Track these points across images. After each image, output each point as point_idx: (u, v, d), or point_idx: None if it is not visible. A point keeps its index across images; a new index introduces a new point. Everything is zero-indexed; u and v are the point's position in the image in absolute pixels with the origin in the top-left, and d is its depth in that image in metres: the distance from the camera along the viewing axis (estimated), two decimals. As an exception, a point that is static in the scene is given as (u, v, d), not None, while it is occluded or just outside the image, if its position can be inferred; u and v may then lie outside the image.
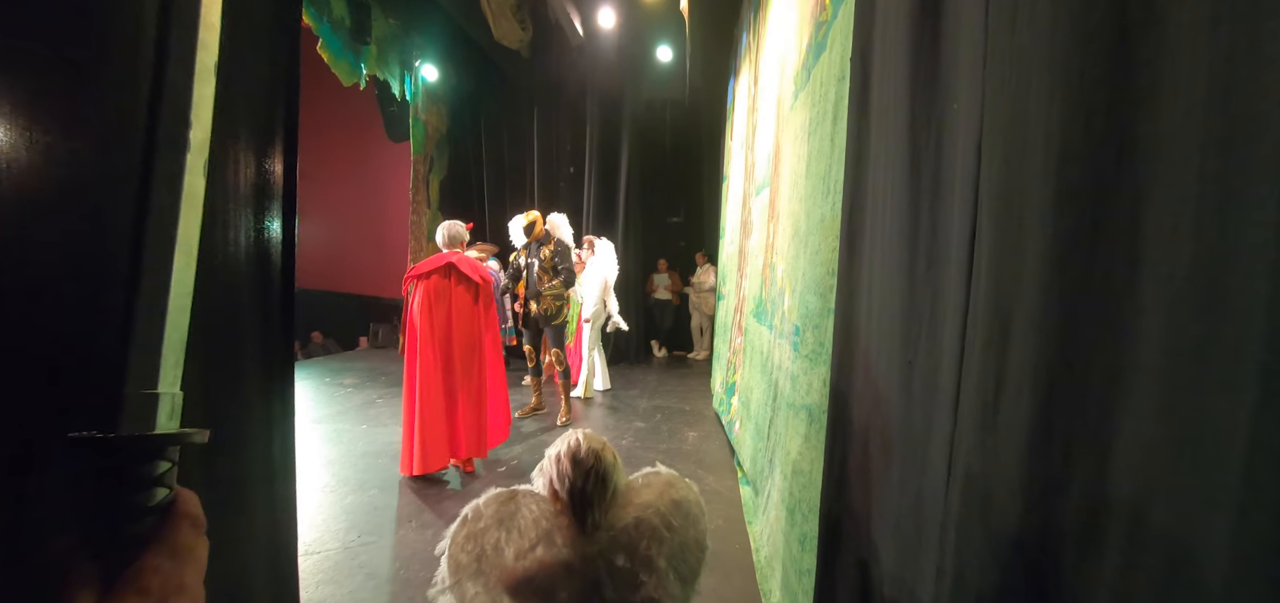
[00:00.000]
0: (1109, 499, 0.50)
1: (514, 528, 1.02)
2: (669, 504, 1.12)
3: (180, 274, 0.51)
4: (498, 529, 1.01)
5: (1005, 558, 0.62)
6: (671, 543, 1.08)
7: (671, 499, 1.13)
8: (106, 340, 0.61)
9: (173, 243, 0.51)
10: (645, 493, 1.14)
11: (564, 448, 1.08)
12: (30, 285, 0.58)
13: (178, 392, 0.48)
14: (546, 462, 1.10)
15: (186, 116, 0.51)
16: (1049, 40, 0.58)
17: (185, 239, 0.53)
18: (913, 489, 0.92)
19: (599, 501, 1.05)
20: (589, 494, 1.04)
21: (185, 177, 0.52)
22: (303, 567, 2.49)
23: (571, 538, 1.02)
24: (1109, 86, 0.51)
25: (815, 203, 2.12)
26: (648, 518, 1.08)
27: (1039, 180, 0.58)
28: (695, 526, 1.14)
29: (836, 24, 2.02)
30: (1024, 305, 0.60)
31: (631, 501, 1.11)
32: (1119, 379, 0.49)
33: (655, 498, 1.12)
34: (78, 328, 0.60)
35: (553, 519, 1.04)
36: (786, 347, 2.49)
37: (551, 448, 1.11)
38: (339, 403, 5.20)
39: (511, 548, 0.99)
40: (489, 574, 0.97)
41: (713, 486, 3.50)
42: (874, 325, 1.26)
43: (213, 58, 0.55)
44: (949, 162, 0.89)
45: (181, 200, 0.51)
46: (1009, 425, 0.61)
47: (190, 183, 0.52)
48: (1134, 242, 0.48)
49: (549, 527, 1.03)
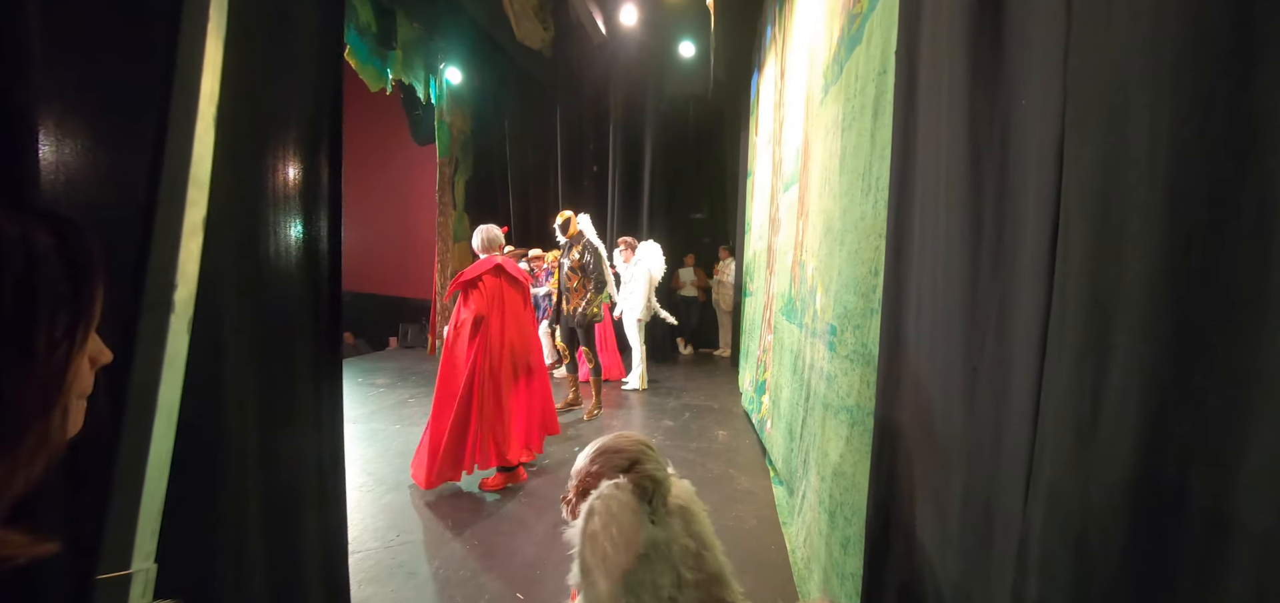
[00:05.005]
0: (1236, 520, 0.46)
1: (621, 523, 1.10)
2: (692, 497, 1.29)
3: (159, 440, 0.51)
4: (611, 524, 1.09)
5: (1104, 579, 0.58)
6: (708, 523, 1.25)
7: (692, 493, 1.31)
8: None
9: (154, 409, 0.50)
10: (675, 486, 1.30)
11: (627, 448, 1.20)
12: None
13: (152, 566, 0.48)
14: (608, 459, 1.20)
15: (173, 278, 0.50)
16: (1155, 28, 0.54)
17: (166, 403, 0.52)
18: (980, 501, 0.89)
19: (665, 490, 1.20)
20: (661, 483, 1.18)
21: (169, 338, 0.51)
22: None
23: (646, 525, 1.14)
24: (1229, 79, 0.48)
25: (853, 200, 2.07)
26: (689, 504, 1.24)
27: (1146, 182, 0.54)
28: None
29: (875, 16, 1.97)
30: (1129, 314, 0.56)
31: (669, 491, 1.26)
32: (1246, 391, 0.46)
33: (684, 491, 1.29)
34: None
35: (635, 508, 1.14)
36: (821, 346, 2.45)
37: (604, 448, 1.22)
38: (372, 403, 5.30)
39: (622, 540, 1.08)
40: (613, 572, 1.05)
41: (745, 485, 3.47)
42: (926, 329, 1.22)
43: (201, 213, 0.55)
44: (1017, 161, 0.85)
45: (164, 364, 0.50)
46: (1111, 441, 0.58)
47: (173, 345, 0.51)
48: (1263, 245, 0.45)
49: (634, 516, 1.12)
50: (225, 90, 1.14)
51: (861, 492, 1.62)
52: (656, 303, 5.83)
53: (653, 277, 5.73)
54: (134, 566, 0.47)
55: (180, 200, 0.51)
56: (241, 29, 1.24)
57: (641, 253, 5.77)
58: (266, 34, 1.30)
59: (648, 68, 7.48)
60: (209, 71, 0.57)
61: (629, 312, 5.75)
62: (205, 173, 0.54)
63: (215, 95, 0.58)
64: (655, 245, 5.87)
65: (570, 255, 4.72)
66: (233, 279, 1.17)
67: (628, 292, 5.71)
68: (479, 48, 7.38)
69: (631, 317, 5.74)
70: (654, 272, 5.75)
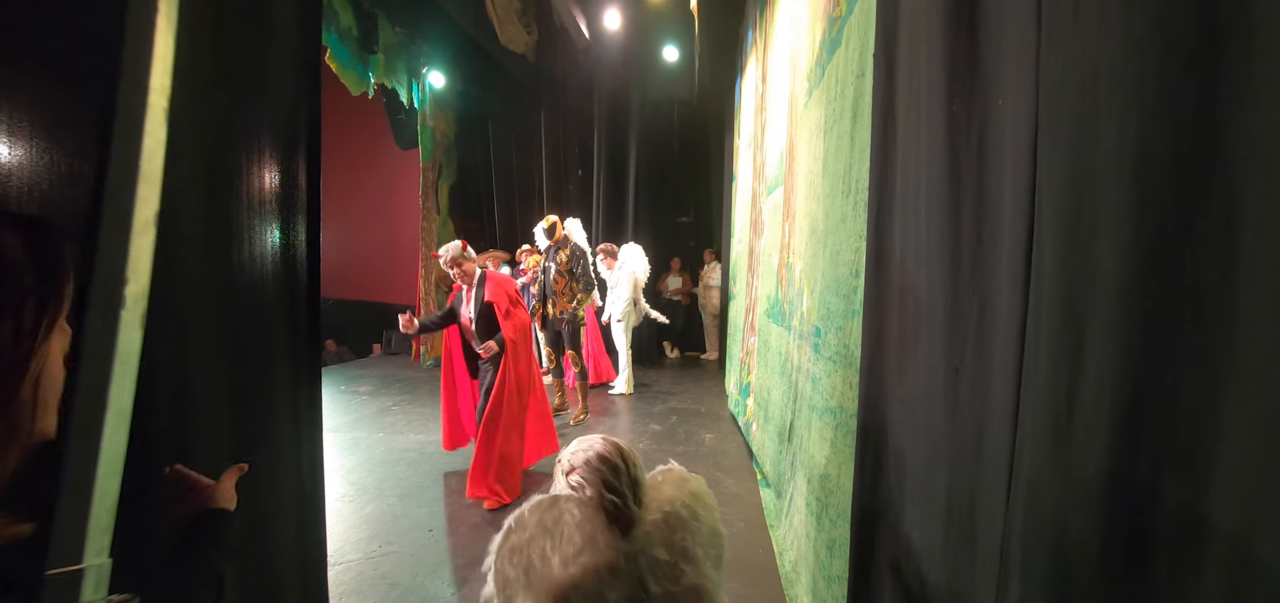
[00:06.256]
0: (1208, 519, 0.46)
1: (559, 536, 1.00)
2: (689, 495, 1.17)
3: (111, 438, 0.50)
4: (543, 538, 0.99)
5: (1082, 578, 0.59)
6: (701, 532, 1.13)
7: (690, 491, 1.18)
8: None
9: (104, 407, 0.49)
10: (666, 488, 1.19)
11: (594, 454, 1.11)
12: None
13: (106, 560, 0.48)
14: (576, 469, 1.12)
15: (123, 273, 0.50)
16: (1122, 31, 0.55)
17: (118, 401, 0.50)
18: (963, 502, 0.89)
19: (637, 500, 1.10)
20: (627, 495, 1.08)
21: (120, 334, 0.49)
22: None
23: (612, 540, 1.03)
24: (1196, 80, 0.48)
25: (834, 202, 2.08)
26: (676, 510, 1.13)
27: (1115, 182, 0.55)
28: (712, 514, 1.20)
29: (852, 19, 1.99)
30: (1102, 313, 0.56)
31: (656, 497, 1.16)
32: (1219, 390, 0.46)
33: (676, 492, 1.17)
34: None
35: (596, 524, 1.03)
36: (807, 348, 2.46)
37: (574, 454, 1.13)
38: (355, 411, 5.22)
39: (557, 556, 0.97)
40: (537, 586, 0.94)
41: (732, 488, 3.47)
42: (909, 330, 1.22)
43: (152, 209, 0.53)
44: (994, 161, 0.86)
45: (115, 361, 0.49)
46: (1086, 440, 0.58)
47: (125, 341, 0.50)
48: (1230, 244, 0.45)
49: (592, 530, 1.02)
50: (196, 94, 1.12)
51: (846, 494, 1.63)
52: (646, 304, 5.82)
53: (637, 278, 5.72)
54: (86, 561, 0.46)
55: (129, 195, 0.51)
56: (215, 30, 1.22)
57: (624, 256, 5.76)
58: (241, 36, 1.27)
59: (632, 72, 7.48)
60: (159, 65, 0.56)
61: (614, 317, 5.73)
62: (156, 168, 0.52)
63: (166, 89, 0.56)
64: (637, 248, 5.85)
65: (556, 259, 4.71)
66: (203, 283, 1.14)
67: (613, 297, 5.70)
68: (462, 51, 7.33)
69: (618, 321, 5.72)
70: (638, 273, 5.74)
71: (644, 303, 5.80)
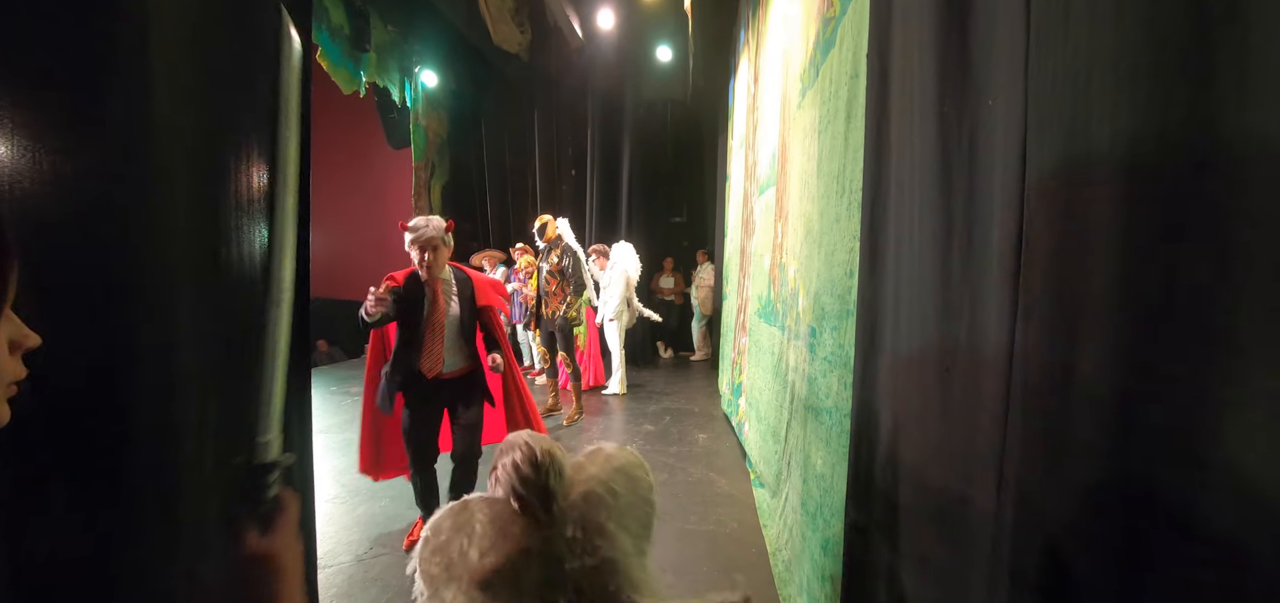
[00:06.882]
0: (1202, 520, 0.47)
1: (472, 532, 1.11)
2: (611, 473, 1.27)
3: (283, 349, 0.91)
4: (459, 536, 1.10)
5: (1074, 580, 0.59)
6: (617, 506, 1.23)
7: (613, 468, 1.28)
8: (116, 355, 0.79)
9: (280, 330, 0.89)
10: (589, 468, 1.28)
11: (519, 456, 1.19)
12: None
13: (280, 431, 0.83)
14: (502, 470, 1.20)
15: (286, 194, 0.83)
16: (1112, 31, 0.55)
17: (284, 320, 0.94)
18: (955, 503, 0.89)
19: (559, 492, 1.18)
20: (551, 490, 1.16)
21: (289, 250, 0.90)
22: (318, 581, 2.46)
23: (527, 527, 1.13)
24: (1187, 80, 0.49)
25: (829, 203, 2.09)
26: (593, 490, 1.23)
27: (1105, 181, 0.55)
28: (639, 486, 1.30)
29: (846, 20, 1.99)
30: (1093, 313, 0.57)
31: (577, 478, 1.25)
32: (1207, 390, 0.46)
33: (598, 471, 1.27)
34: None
35: (507, 516, 1.14)
36: (802, 348, 2.46)
37: (503, 456, 1.21)
38: (346, 412, 5.18)
39: (475, 549, 1.08)
40: (460, 578, 1.04)
41: (726, 488, 3.47)
42: (902, 330, 1.23)
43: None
44: (985, 161, 0.86)
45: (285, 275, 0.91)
46: (1077, 438, 0.58)
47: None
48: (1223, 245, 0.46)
49: (505, 523, 1.13)
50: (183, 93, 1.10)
51: (840, 494, 1.63)
52: (640, 303, 5.79)
53: (630, 277, 5.69)
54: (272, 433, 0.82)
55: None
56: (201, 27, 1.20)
57: (616, 255, 5.72)
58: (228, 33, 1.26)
59: (626, 72, 7.47)
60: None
61: (607, 317, 5.72)
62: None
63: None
64: (629, 246, 5.76)
65: (549, 259, 4.72)
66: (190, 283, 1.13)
67: (605, 297, 5.68)
68: (455, 50, 7.30)
69: (610, 321, 5.71)
70: (630, 272, 5.70)
71: (638, 302, 5.78)
